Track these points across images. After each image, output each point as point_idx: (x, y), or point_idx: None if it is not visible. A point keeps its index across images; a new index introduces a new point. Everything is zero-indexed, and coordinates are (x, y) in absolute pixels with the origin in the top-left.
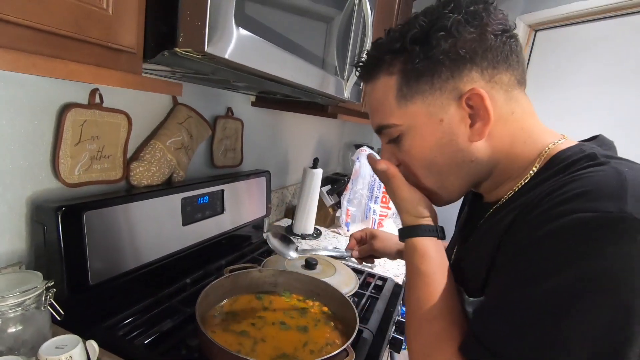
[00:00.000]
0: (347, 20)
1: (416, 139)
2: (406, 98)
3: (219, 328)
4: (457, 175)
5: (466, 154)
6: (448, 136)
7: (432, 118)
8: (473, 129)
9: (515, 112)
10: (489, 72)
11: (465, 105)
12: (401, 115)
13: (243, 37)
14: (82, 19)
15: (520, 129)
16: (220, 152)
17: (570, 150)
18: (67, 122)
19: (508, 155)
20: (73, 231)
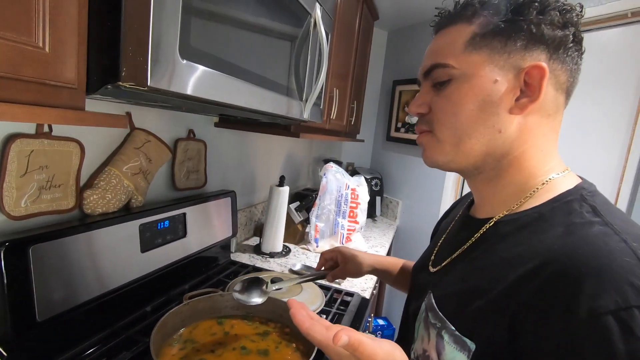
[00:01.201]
0: (303, 43)
1: (464, 87)
2: (475, 47)
3: (177, 357)
4: (478, 138)
5: (499, 121)
6: (494, 97)
7: (488, 75)
8: (518, 102)
9: (551, 117)
10: (555, 63)
11: (522, 79)
12: (462, 60)
13: (189, 68)
14: (16, 58)
15: (544, 136)
16: (182, 174)
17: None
18: (12, 153)
19: (523, 152)
20: (17, 267)
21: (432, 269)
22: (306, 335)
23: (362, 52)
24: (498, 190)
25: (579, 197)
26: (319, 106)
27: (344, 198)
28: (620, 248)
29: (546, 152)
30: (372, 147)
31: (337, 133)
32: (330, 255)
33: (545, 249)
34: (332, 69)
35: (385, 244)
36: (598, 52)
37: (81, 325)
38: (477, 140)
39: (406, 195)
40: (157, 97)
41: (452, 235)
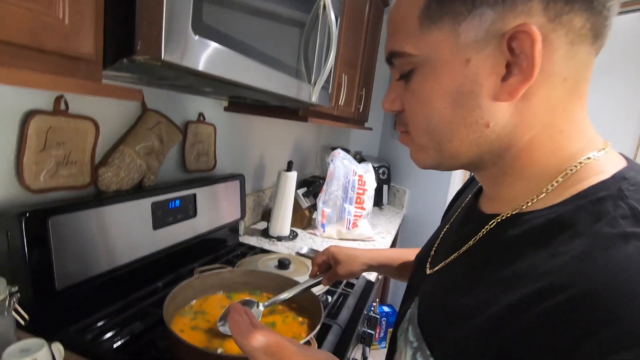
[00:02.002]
0: (313, 26)
1: (429, 79)
2: (432, 20)
3: (188, 327)
4: (462, 140)
5: (484, 114)
6: (470, 84)
7: (457, 55)
8: (505, 83)
9: (568, 80)
10: (558, 6)
11: (506, 48)
12: (419, 43)
13: (201, 44)
14: (37, 28)
15: (564, 110)
16: (193, 156)
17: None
18: (31, 129)
19: (532, 140)
20: (38, 236)
21: (429, 269)
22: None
23: (371, 38)
24: (506, 188)
25: (615, 192)
26: (328, 90)
27: (351, 184)
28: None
29: (569, 130)
30: (380, 135)
31: (345, 120)
32: (322, 259)
33: (557, 269)
34: (341, 55)
35: (392, 230)
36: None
37: (97, 295)
38: (461, 142)
39: (413, 184)
40: (169, 74)
41: (454, 227)
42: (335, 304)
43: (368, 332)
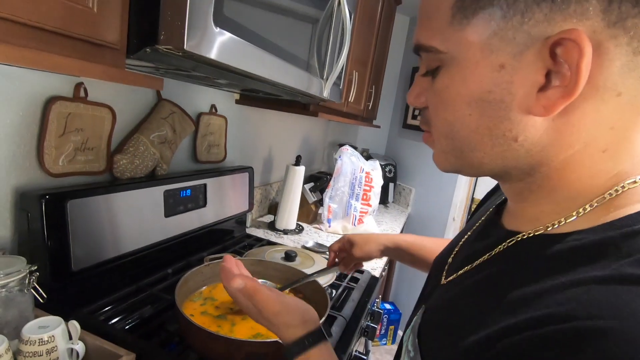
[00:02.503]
0: (327, 22)
1: (455, 81)
2: (465, 13)
3: (197, 312)
4: (486, 151)
5: (513, 128)
6: (501, 93)
7: (489, 57)
8: (542, 95)
9: (623, 95)
10: (623, 8)
11: (549, 54)
12: (449, 38)
13: (221, 36)
14: (68, 16)
15: (611, 128)
16: (204, 147)
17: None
18: (52, 114)
19: (569, 160)
20: (56, 219)
21: (444, 278)
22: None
23: (383, 36)
24: (532, 206)
25: None
26: (339, 86)
27: (358, 181)
28: None
29: (614, 150)
30: (387, 133)
31: (354, 117)
32: (338, 246)
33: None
34: (353, 52)
35: (397, 228)
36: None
37: (109, 279)
38: (484, 153)
39: (419, 183)
40: (188, 65)
41: (472, 238)
42: (340, 297)
43: (371, 326)
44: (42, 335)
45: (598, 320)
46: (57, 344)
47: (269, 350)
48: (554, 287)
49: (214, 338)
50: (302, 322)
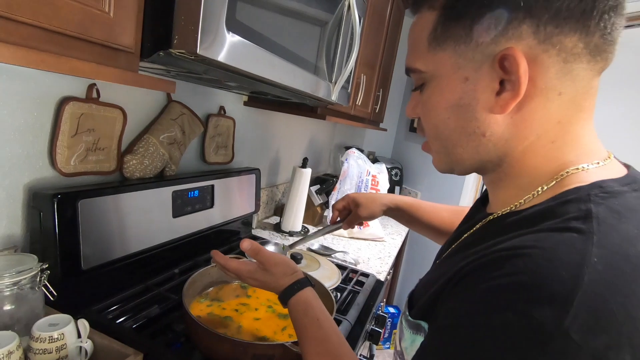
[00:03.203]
0: (337, 26)
1: (435, 92)
2: (438, 41)
3: (204, 313)
4: (464, 147)
5: (480, 125)
6: (468, 99)
7: (457, 72)
8: (498, 97)
9: (563, 94)
10: (548, 29)
11: (499, 68)
12: (428, 61)
13: (233, 41)
14: (86, 21)
15: (558, 122)
16: (212, 148)
17: (580, 192)
18: (65, 114)
19: (525, 150)
20: (68, 218)
21: (438, 260)
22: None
23: (391, 40)
24: (502, 191)
25: (583, 196)
26: (347, 90)
27: (364, 184)
28: (570, 261)
29: (562, 141)
30: (394, 137)
31: (361, 119)
32: (342, 205)
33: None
34: (361, 56)
35: (402, 232)
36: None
37: (117, 278)
38: (464, 149)
39: (426, 187)
40: (199, 68)
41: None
42: (345, 301)
43: (376, 330)
44: (52, 333)
45: (522, 250)
46: (67, 341)
47: (275, 353)
48: (501, 240)
49: (220, 340)
50: (292, 272)
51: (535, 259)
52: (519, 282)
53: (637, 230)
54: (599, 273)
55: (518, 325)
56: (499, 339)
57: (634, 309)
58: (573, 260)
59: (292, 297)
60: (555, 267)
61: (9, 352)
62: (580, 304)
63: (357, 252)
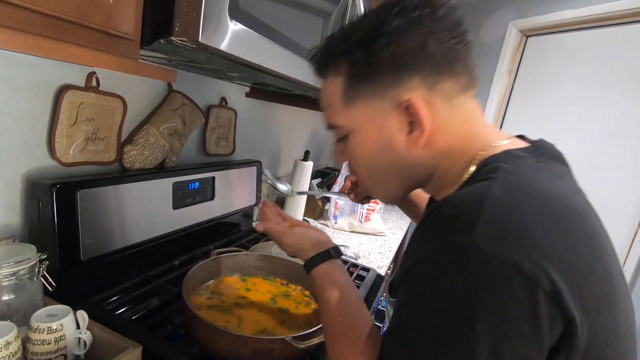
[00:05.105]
0: (341, 17)
1: (358, 142)
2: (350, 100)
3: (204, 306)
4: (395, 179)
5: (404, 161)
6: (386, 142)
7: (373, 123)
8: (410, 137)
9: (457, 120)
10: (430, 80)
11: (405, 113)
12: (346, 117)
13: (236, 29)
14: (84, 5)
15: (462, 135)
16: (213, 140)
17: (491, 159)
18: (64, 103)
19: (445, 162)
20: (67, 208)
21: None
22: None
23: None
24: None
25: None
26: None
27: None
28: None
29: (468, 144)
30: None
31: None
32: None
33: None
34: None
35: (403, 227)
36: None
37: (117, 269)
38: (395, 181)
39: None
40: (201, 57)
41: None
42: None
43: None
44: (51, 324)
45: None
46: (65, 332)
47: (275, 347)
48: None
49: (220, 333)
50: (308, 249)
51: (452, 201)
52: (442, 220)
53: (534, 177)
54: (499, 199)
55: (444, 251)
56: (435, 266)
57: (530, 223)
58: (479, 194)
59: (313, 269)
60: (465, 202)
61: (7, 342)
62: (484, 222)
63: (358, 246)
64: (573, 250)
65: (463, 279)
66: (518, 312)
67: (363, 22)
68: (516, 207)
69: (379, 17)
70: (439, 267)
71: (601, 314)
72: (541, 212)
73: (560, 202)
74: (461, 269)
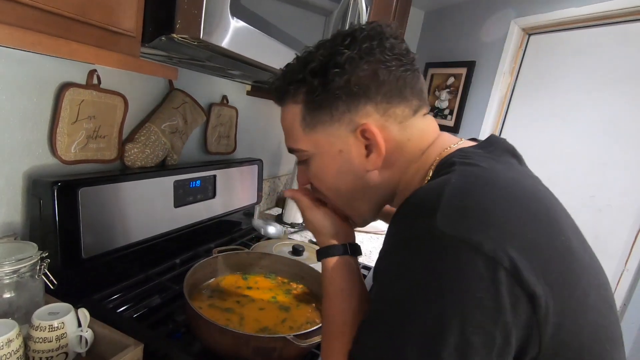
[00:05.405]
0: (342, 15)
1: (320, 165)
2: (310, 126)
3: (205, 304)
4: (361, 199)
5: (365, 181)
6: (347, 165)
7: (332, 147)
8: (369, 159)
9: (411, 139)
10: (383, 106)
11: (361, 137)
12: (306, 142)
13: (237, 27)
14: (85, 2)
15: (418, 150)
16: (214, 138)
17: (446, 159)
18: (65, 100)
19: (406, 177)
20: (68, 206)
21: None
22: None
23: None
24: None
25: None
26: None
27: None
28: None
29: (427, 153)
30: None
31: None
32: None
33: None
34: None
35: None
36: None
37: (118, 267)
38: (362, 201)
39: None
40: (202, 54)
41: None
42: None
43: None
44: (52, 322)
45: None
46: (67, 330)
47: (276, 345)
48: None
49: (222, 331)
50: (327, 235)
51: (416, 194)
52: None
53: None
54: (457, 185)
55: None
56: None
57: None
58: (438, 184)
59: (320, 260)
60: (427, 192)
61: (9, 340)
62: (444, 207)
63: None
64: (531, 227)
65: (427, 261)
66: (480, 290)
67: (318, 52)
68: (474, 190)
69: (333, 48)
70: (404, 252)
71: (566, 286)
72: (498, 194)
73: (515, 185)
74: (425, 252)
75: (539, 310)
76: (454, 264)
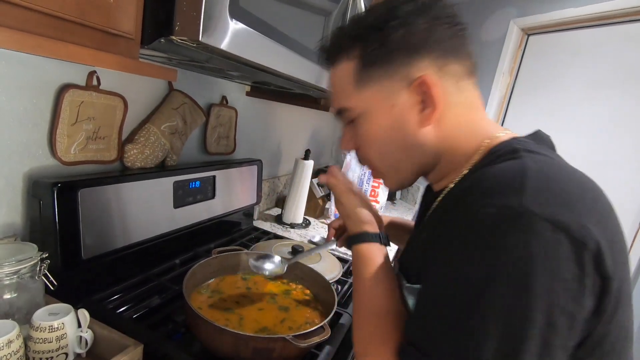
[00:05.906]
0: (341, 16)
1: (370, 123)
2: (362, 83)
3: (205, 305)
4: (406, 160)
5: (415, 139)
6: (399, 121)
7: (385, 103)
8: (422, 114)
9: (462, 103)
10: (440, 61)
11: (416, 92)
12: (357, 100)
13: (236, 28)
14: (85, 4)
15: (465, 120)
16: (214, 139)
17: (503, 145)
18: (65, 102)
19: (452, 145)
20: (68, 207)
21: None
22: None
23: None
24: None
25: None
26: None
27: (366, 177)
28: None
29: (472, 130)
30: None
31: None
32: (338, 223)
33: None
34: None
35: None
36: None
37: (118, 268)
38: (408, 163)
39: None
40: (202, 56)
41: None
42: (346, 294)
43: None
44: (52, 323)
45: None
46: (67, 331)
47: (275, 346)
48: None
49: (221, 332)
50: (360, 222)
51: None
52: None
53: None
54: (538, 169)
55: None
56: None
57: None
58: (516, 167)
59: (352, 246)
60: (507, 172)
61: (9, 340)
62: (531, 188)
63: None
64: (605, 215)
65: (515, 240)
66: (567, 271)
67: (375, 8)
68: (555, 176)
69: (391, 4)
70: (486, 231)
71: (623, 279)
72: (575, 181)
73: (584, 177)
74: (514, 231)
75: (608, 296)
76: (544, 244)
